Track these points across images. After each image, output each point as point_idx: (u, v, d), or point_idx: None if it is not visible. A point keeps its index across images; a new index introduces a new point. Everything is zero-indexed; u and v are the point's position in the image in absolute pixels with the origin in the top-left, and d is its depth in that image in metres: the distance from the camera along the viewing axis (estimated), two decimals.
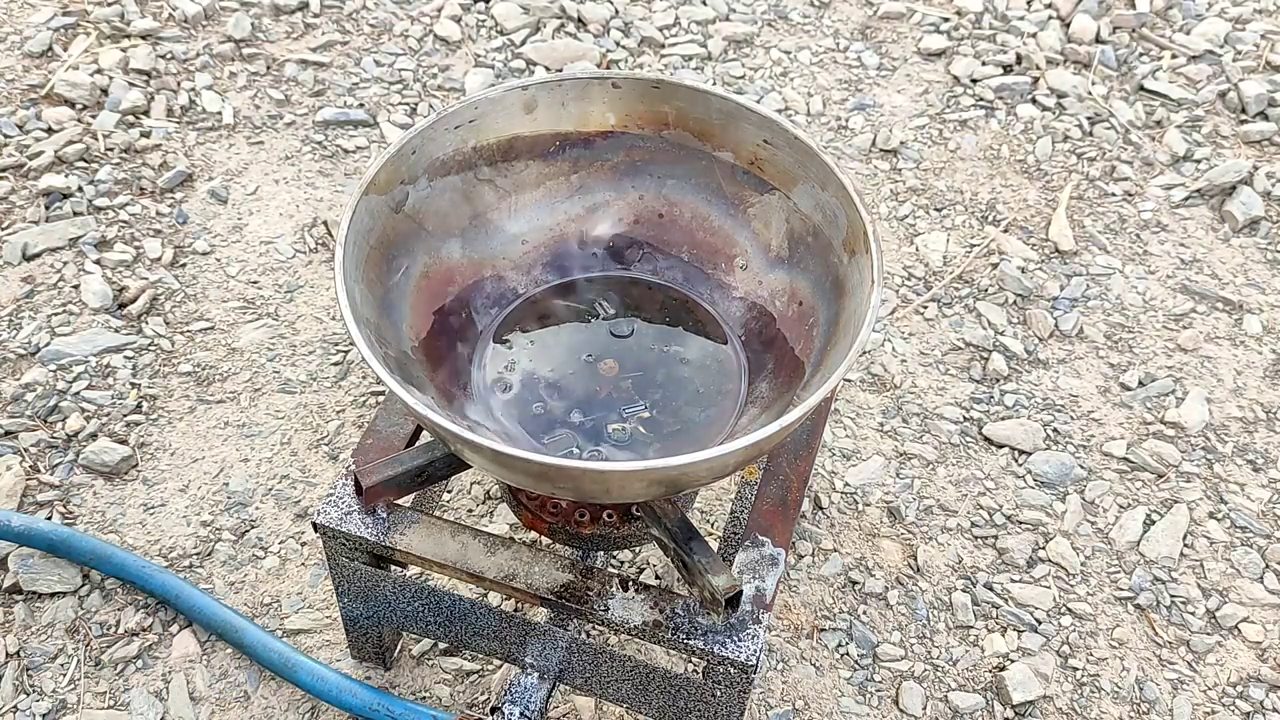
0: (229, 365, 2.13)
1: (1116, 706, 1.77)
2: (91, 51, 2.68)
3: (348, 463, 1.56)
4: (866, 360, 2.21)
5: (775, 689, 1.76)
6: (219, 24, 2.80)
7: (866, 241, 1.40)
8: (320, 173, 2.50)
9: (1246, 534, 1.98)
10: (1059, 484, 2.03)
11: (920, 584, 1.89)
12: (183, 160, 2.48)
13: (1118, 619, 1.87)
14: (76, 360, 2.09)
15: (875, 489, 2.01)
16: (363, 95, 2.67)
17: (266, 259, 2.32)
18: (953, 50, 2.89)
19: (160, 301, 2.22)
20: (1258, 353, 2.27)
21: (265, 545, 1.88)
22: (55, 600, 1.79)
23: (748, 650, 1.38)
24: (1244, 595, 1.90)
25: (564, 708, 1.71)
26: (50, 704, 1.69)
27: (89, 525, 1.88)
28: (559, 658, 1.51)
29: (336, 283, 1.34)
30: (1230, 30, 2.96)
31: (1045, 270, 2.39)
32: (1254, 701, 1.78)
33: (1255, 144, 2.69)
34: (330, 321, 2.21)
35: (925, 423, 2.11)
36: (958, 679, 1.79)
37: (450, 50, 2.81)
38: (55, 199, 2.35)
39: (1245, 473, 2.07)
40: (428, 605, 1.54)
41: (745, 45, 2.88)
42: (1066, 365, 2.23)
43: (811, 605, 1.85)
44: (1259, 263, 2.44)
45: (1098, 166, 2.62)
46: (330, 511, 1.50)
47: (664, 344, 1.61)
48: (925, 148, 2.65)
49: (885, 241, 2.43)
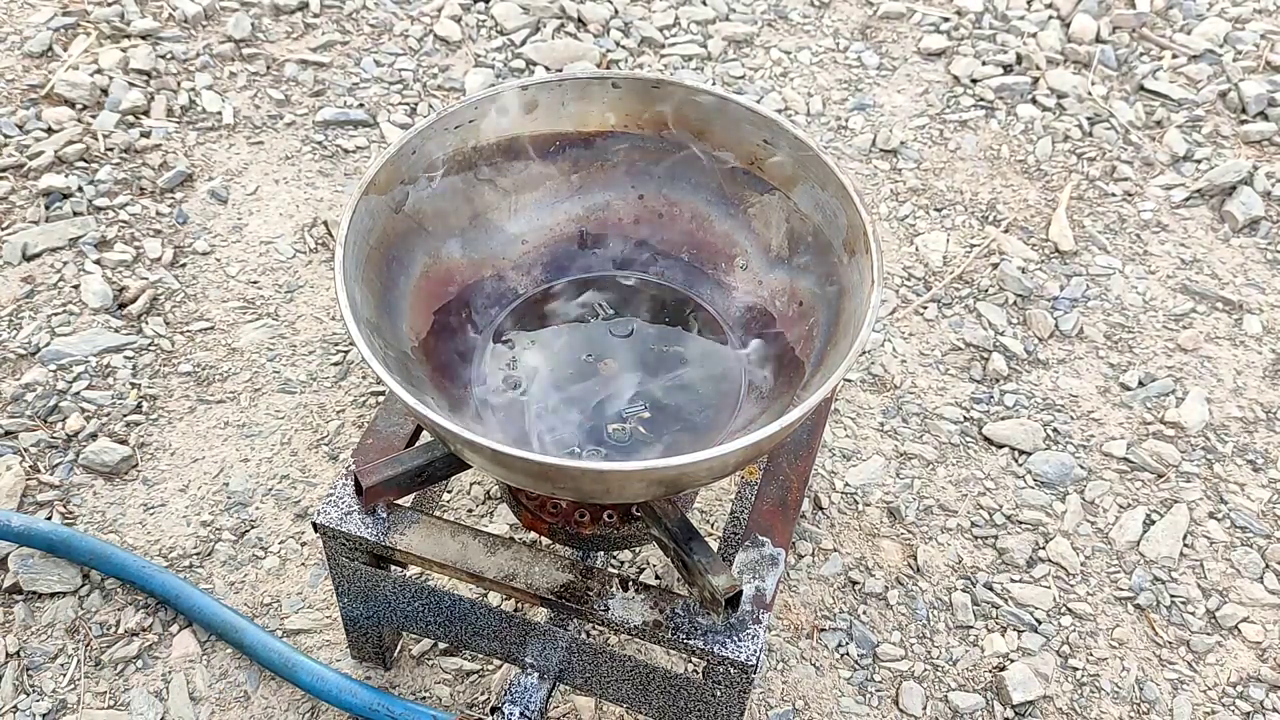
0: (229, 365, 2.13)
1: (1116, 706, 1.77)
2: (91, 51, 2.68)
3: (348, 463, 1.56)
4: (866, 360, 2.21)
5: (775, 689, 1.76)
6: (219, 24, 2.80)
7: (866, 241, 1.40)
8: (320, 173, 2.50)
9: (1246, 534, 1.98)
10: (1059, 484, 2.03)
11: (920, 584, 1.89)
12: (183, 160, 2.48)
13: (1118, 619, 1.87)
14: (76, 360, 2.09)
15: (875, 489, 2.01)
16: (363, 95, 2.67)
17: (266, 259, 2.32)
18: (953, 50, 2.89)
19: (160, 301, 2.22)
20: (1258, 353, 2.27)
21: (265, 545, 1.88)
22: (55, 600, 1.79)
23: (748, 650, 1.38)
24: (1244, 595, 1.90)
25: (564, 708, 1.71)
26: (50, 704, 1.69)
27: (89, 525, 1.88)
28: (559, 658, 1.51)
29: (336, 283, 1.34)
30: (1230, 30, 2.96)
31: (1045, 270, 2.39)
32: (1254, 701, 1.78)
33: (1255, 144, 2.69)
34: (330, 321, 2.21)
35: (925, 423, 2.11)
36: (958, 679, 1.79)
37: (450, 50, 2.81)
38: (55, 199, 2.35)
39: (1245, 473, 2.07)
40: (428, 605, 1.54)
41: (745, 45, 2.88)
42: (1066, 365, 2.23)
43: (811, 605, 1.85)
44: (1259, 263, 2.44)
45: (1098, 166, 2.62)
46: (330, 511, 1.50)
47: (664, 344, 1.61)
48: (925, 148, 2.65)
49: (885, 241, 2.43)
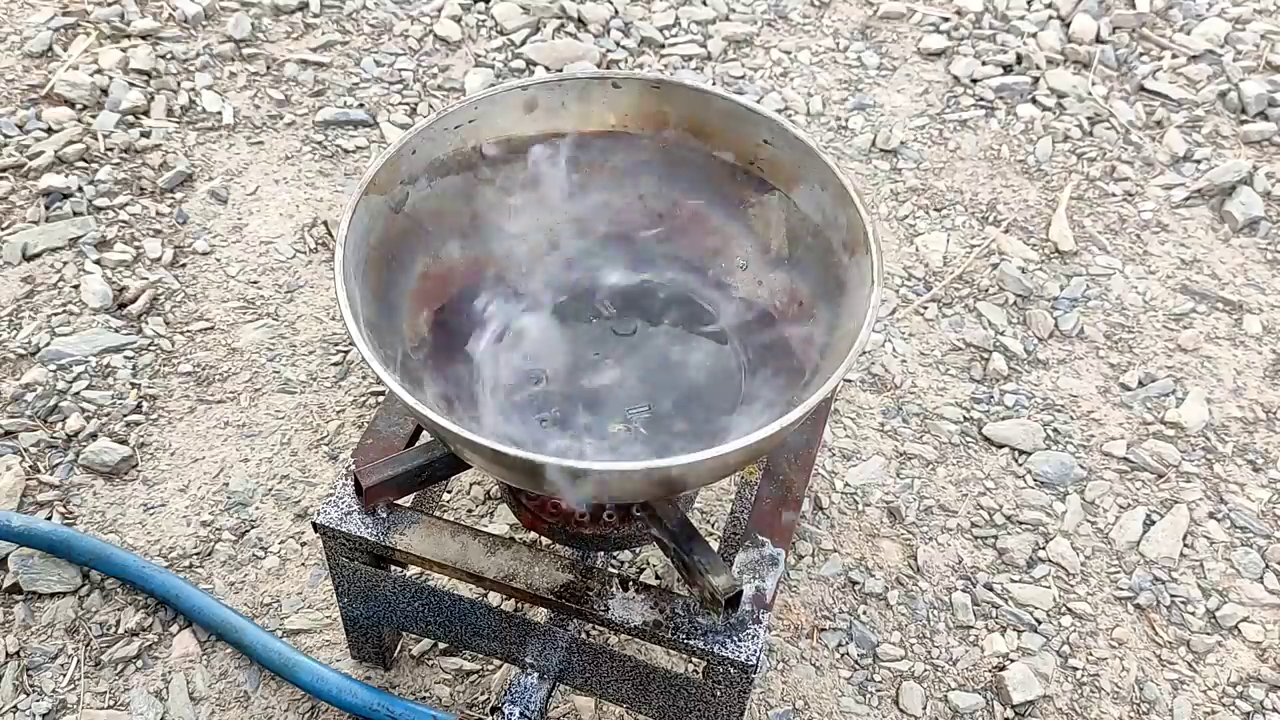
0: (229, 365, 2.13)
1: (1116, 706, 1.77)
2: (91, 51, 2.68)
3: (348, 463, 1.56)
4: (867, 360, 2.20)
5: (775, 689, 1.76)
6: (219, 24, 2.80)
7: (866, 241, 1.40)
8: (320, 173, 2.50)
9: (1246, 534, 1.98)
10: (1059, 484, 2.03)
11: (920, 584, 1.89)
12: (183, 160, 2.48)
13: (1118, 619, 1.87)
14: (76, 360, 2.09)
15: (875, 489, 2.01)
16: (363, 95, 2.67)
17: (266, 259, 2.32)
18: (953, 50, 2.89)
19: (160, 301, 2.22)
20: (1258, 353, 2.27)
21: (265, 545, 1.88)
22: (55, 600, 1.79)
23: (748, 650, 1.38)
24: (1244, 595, 1.90)
25: (564, 708, 1.71)
26: (50, 704, 1.69)
27: (89, 525, 1.88)
28: (559, 658, 1.51)
29: (336, 283, 1.34)
30: (1230, 30, 2.96)
31: (1045, 270, 2.39)
32: (1254, 701, 1.78)
33: (1255, 144, 2.69)
34: (330, 321, 2.21)
35: (925, 423, 2.11)
36: (957, 679, 1.79)
37: (450, 50, 2.81)
38: (55, 199, 2.35)
39: (1245, 473, 2.07)
40: (428, 605, 1.54)
41: (745, 45, 2.88)
42: (1066, 365, 2.23)
43: (811, 605, 1.85)
44: (1259, 263, 2.44)
45: (1098, 167, 2.62)
46: (330, 511, 1.50)
47: (665, 344, 1.61)
48: (925, 148, 2.65)
49: (885, 241, 2.43)
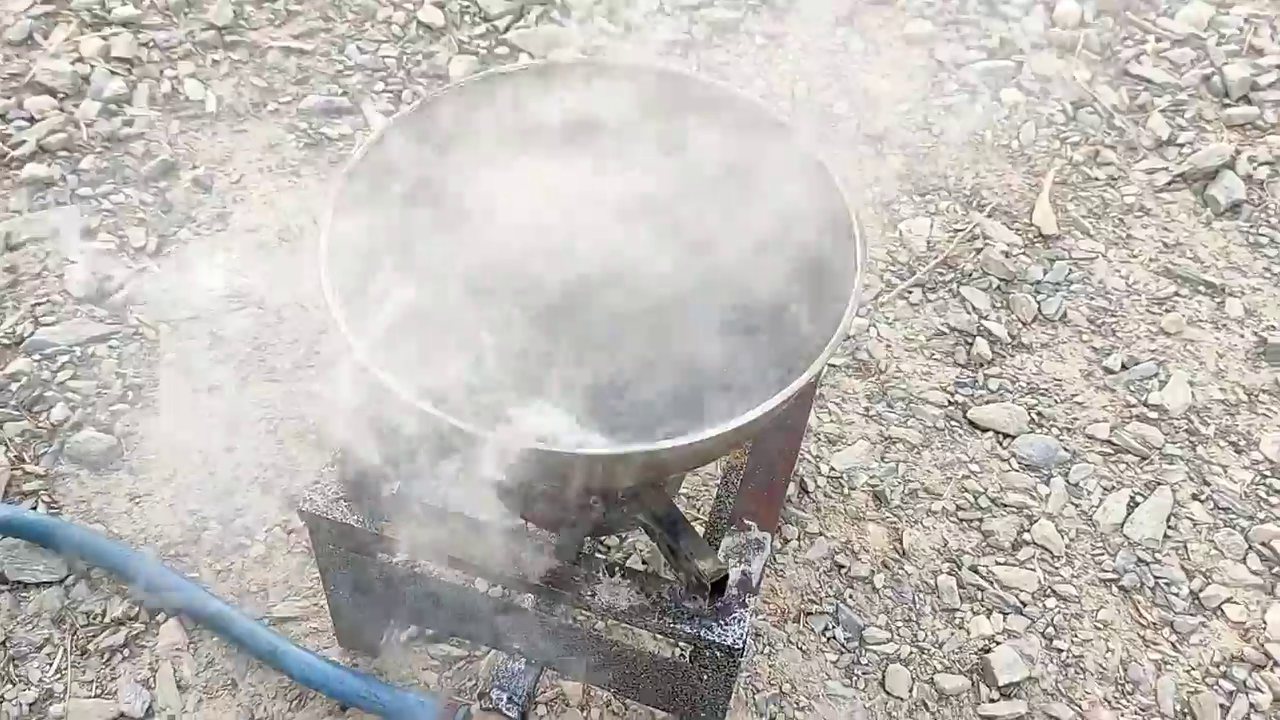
0: (214, 354, 2.12)
1: (1101, 687, 1.78)
2: (72, 40, 2.66)
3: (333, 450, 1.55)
4: (851, 345, 2.21)
5: (762, 672, 1.76)
6: (201, 11, 2.78)
7: (850, 227, 1.40)
8: (304, 161, 2.49)
9: (1229, 515, 2.00)
10: (1043, 467, 2.04)
11: (906, 567, 1.90)
12: (166, 149, 2.47)
13: (1102, 601, 1.88)
14: (61, 350, 2.08)
15: (861, 473, 2.02)
16: (346, 83, 2.66)
17: (251, 247, 2.31)
18: (937, 35, 2.89)
19: (145, 290, 2.21)
20: (1240, 335, 2.28)
21: (252, 533, 1.88)
22: (41, 590, 1.79)
23: (734, 634, 1.38)
24: (1227, 576, 1.92)
25: (552, 692, 1.72)
26: (37, 693, 1.69)
27: (75, 515, 1.88)
28: (546, 643, 1.51)
29: (320, 271, 1.34)
30: (1214, 14, 2.97)
31: (1029, 255, 2.40)
32: (1237, 681, 1.80)
33: (1238, 128, 2.70)
34: (315, 310, 2.21)
35: (910, 407, 2.12)
36: (944, 661, 1.80)
37: (434, 37, 2.80)
38: (38, 188, 2.34)
39: (1228, 454, 2.08)
40: (414, 591, 1.54)
41: (730, 31, 2.88)
42: (1050, 349, 2.24)
43: (798, 589, 1.86)
44: (1241, 246, 2.45)
45: (1081, 151, 2.62)
46: (316, 499, 1.50)
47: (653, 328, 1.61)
48: (910, 133, 2.65)
49: (869, 227, 2.43)
